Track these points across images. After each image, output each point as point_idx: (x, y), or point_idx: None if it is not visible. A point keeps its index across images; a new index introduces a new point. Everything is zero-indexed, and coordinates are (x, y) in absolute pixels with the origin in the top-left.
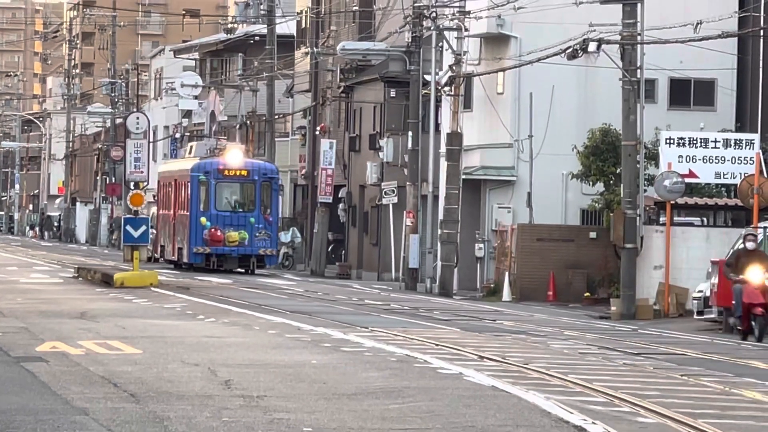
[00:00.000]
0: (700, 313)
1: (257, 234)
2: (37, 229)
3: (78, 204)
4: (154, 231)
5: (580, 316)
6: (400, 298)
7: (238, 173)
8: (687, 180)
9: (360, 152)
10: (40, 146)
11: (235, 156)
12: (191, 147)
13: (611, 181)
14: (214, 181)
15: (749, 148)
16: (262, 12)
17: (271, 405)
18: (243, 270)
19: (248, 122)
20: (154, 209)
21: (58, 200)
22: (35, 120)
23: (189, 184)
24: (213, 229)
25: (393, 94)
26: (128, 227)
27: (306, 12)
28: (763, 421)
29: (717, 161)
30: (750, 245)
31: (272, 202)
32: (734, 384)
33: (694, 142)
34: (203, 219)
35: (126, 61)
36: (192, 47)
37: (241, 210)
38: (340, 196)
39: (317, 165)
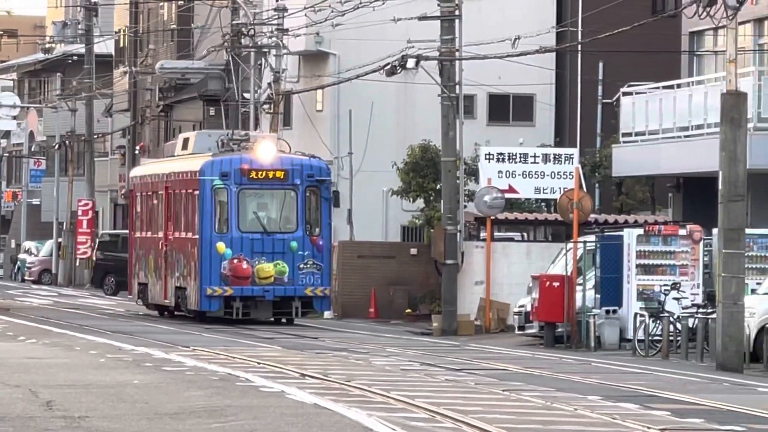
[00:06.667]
0: (521, 328)
1: (302, 266)
2: None
3: None
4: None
5: (402, 332)
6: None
7: (271, 175)
8: (507, 195)
9: None
10: None
11: (266, 150)
12: (185, 140)
13: (431, 197)
14: (237, 187)
15: (568, 163)
16: (80, 32)
17: (94, 426)
18: (284, 320)
19: (67, 142)
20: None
21: None
22: None
23: (195, 192)
24: (236, 260)
25: (212, 112)
26: None
27: (124, 31)
28: None
29: (537, 176)
30: None
31: (322, 218)
32: (555, 398)
33: (514, 157)
34: (221, 245)
35: None
36: (10, 67)
37: (277, 231)
38: None
39: None
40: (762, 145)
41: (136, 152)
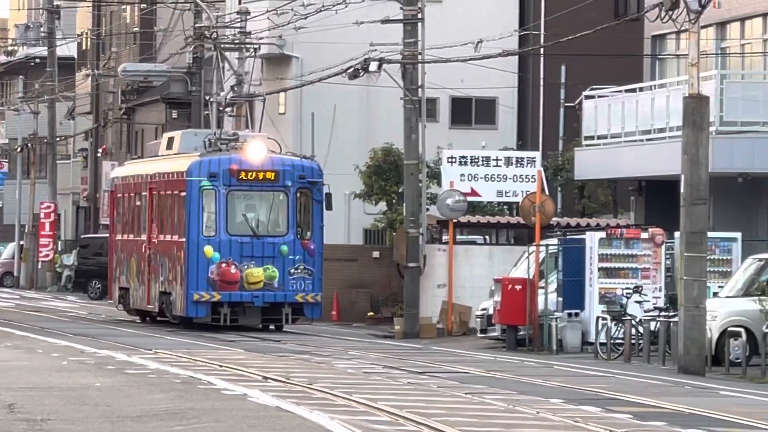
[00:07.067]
0: (483, 331)
1: (293, 270)
2: None
3: None
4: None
5: (364, 335)
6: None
7: (261, 176)
8: (469, 198)
9: None
10: None
11: (256, 150)
12: (170, 139)
13: (394, 201)
14: (225, 188)
15: (531, 166)
16: (43, 34)
17: (56, 429)
18: (272, 326)
19: (29, 145)
20: None
21: None
22: None
23: (182, 193)
24: (224, 265)
25: (175, 115)
26: None
27: (87, 34)
28: None
29: (499, 179)
30: None
31: (314, 221)
32: (518, 401)
33: (476, 160)
34: (208, 249)
35: None
36: None
37: (267, 234)
38: None
39: (99, 187)
40: (724, 149)
41: (99, 155)
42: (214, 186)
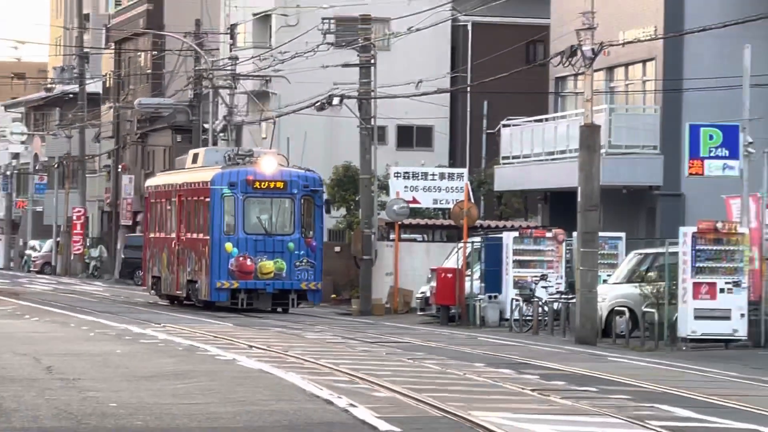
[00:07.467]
0: (422, 310)
1: (297, 263)
2: None
3: None
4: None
5: (328, 313)
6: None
7: (272, 186)
8: (411, 205)
9: None
10: None
11: (268, 164)
12: (195, 155)
13: (352, 207)
14: (242, 195)
15: (459, 180)
16: (75, 75)
17: (85, 386)
18: (280, 309)
19: (64, 162)
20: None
21: None
22: None
23: (206, 199)
24: (241, 258)
25: (179, 139)
26: None
27: (110, 74)
28: (472, 394)
29: (435, 190)
30: None
31: (315, 223)
32: (449, 365)
33: (417, 175)
34: (228, 245)
35: None
36: (19, 103)
37: (276, 233)
38: (137, 220)
39: (119, 196)
40: (611, 166)
41: (119, 170)
42: (233, 193)
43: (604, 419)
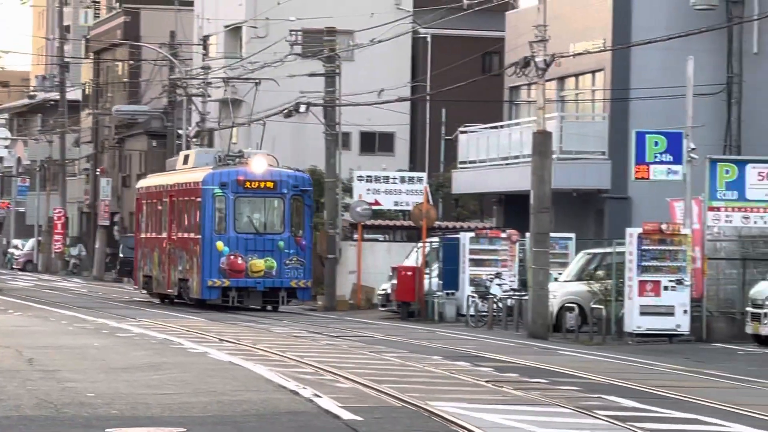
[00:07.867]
0: (383, 306)
1: (287, 261)
2: None
3: None
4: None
5: (295, 309)
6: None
7: (262, 185)
8: (373, 207)
9: (130, 187)
10: None
11: (259, 164)
12: (186, 156)
13: (318, 208)
14: (233, 195)
15: (419, 183)
16: (56, 83)
17: (64, 377)
18: (270, 307)
19: (45, 165)
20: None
21: None
22: None
23: (197, 199)
24: (232, 257)
25: (155, 144)
26: None
27: (89, 83)
28: (430, 385)
29: (395, 193)
30: None
31: (305, 222)
32: (409, 358)
33: (379, 178)
34: (219, 244)
35: None
36: (3, 110)
37: (266, 232)
38: (114, 220)
39: (98, 197)
40: (562, 171)
41: (97, 173)
42: (224, 193)
43: (554, 409)
